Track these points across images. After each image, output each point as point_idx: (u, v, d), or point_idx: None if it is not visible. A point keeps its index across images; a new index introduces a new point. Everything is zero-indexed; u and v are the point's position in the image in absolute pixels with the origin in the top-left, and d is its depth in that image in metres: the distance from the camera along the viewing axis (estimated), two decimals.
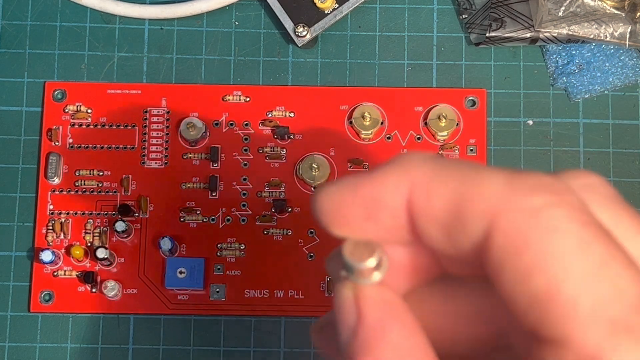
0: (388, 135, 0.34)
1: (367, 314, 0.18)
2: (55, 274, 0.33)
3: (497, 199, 0.16)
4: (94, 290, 0.33)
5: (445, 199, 0.17)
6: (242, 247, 0.34)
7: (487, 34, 0.34)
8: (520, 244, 0.16)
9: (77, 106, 0.34)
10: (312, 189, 0.34)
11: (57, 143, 0.34)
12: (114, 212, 0.34)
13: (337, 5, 0.35)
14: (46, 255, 0.33)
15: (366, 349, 0.18)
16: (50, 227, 0.34)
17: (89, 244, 0.34)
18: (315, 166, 0.33)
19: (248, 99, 0.35)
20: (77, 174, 0.34)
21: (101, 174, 0.34)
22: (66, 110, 0.34)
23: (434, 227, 0.17)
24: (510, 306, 0.16)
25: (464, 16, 0.35)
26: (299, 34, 0.34)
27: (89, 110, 0.34)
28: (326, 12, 0.35)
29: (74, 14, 0.36)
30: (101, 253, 0.33)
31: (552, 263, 0.15)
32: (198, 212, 0.34)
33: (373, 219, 0.18)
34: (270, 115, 0.34)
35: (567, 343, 0.15)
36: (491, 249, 0.16)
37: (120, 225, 0.33)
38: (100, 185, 0.34)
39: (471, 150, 0.34)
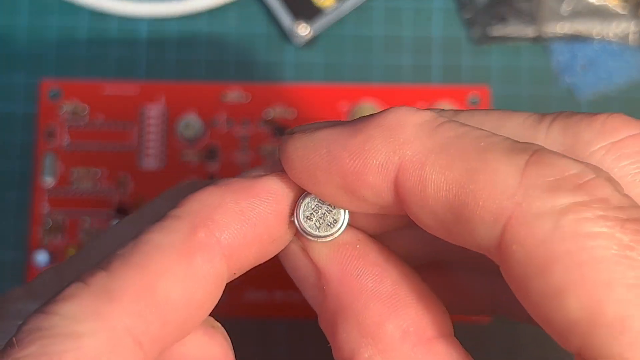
0: None
1: (327, 271, 0.16)
2: None
3: (511, 198, 0.13)
4: None
5: (444, 190, 0.14)
6: None
7: (489, 32, 0.34)
8: (545, 260, 0.13)
9: (73, 105, 0.34)
10: None
11: (53, 142, 0.34)
12: (111, 212, 0.33)
13: (337, 4, 0.34)
14: (42, 256, 0.32)
15: (342, 308, 0.16)
16: (46, 228, 0.33)
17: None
18: None
19: (247, 98, 0.34)
20: (73, 174, 0.34)
21: (98, 173, 0.34)
22: (62, 109, 0.34)
23: (428, 218, 0.14)
24: (540, 323, 0.13)
25: (466, 14, 0.35)
26: (300, 33, 0.34)
27: (86, 109, 0.34)
28: (327, 10, 0.34)
29: (71, 11, 0.35)
30: None
31: (589, 278, 0.12)
32: None
33: (351, 194, 0.15)
34: (269, 113, 0.34)
35: None
36: (509, 262, 0.13)
37: None
38: (97, 185, 0.34)
39: None
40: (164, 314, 0.15)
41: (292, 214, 0.17)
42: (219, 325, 0.18)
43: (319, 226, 0.16)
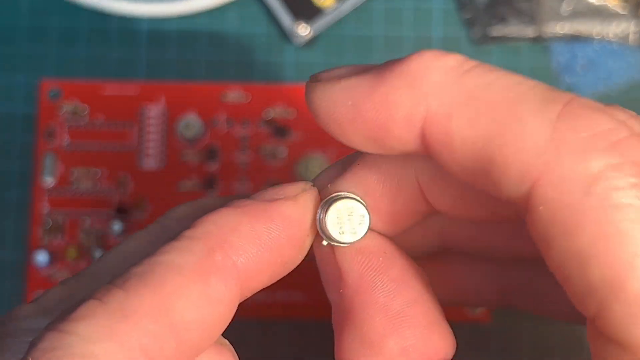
0: None
1: (346, 276, 0.16)
2: (50, 274, 0.33)
3: (541, 156, 0.13)
4: None
5: (471, 144, 0.13)
6: None
7: (489, 32, 0.34)
8: (573, 223, 0.12)
9: (73, 105, 0.34)
10: None
11: (53, 142, 0.34)
12: (111, 212, 0.33)
13: (337, 4, 0.34)
14: (42, 256, 0.32)
15: (351, 315, 0.16)
16: (46, 228, 0.33)
17: (85, 245, 0.33)
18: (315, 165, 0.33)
19: (247, 98, 0.34)
20: (73, 174, 0.34)
21: (98, 173, 0.34)
22: (62, 109, 0.34)
23: (455, 168, 0.14)
24: (560, 281, 0.13)
25: (466, 14, 0.35)
26: (300, 33, 0.34)
27: (86, 109, 0.34)
28: (327, 10, 0.34)
29: (71, 11, 0.35)
30: (98, 254, 0.32)
31: (614, 251, 0.12)
32: None
33: (379, 144, 0.15)
34: (269, 113, 0.34)
35: (632, 347, 0.12)
36: (534, 220, 0.13)
37: (117, 226, 0.33)
38: (97, 185, 0.34)
39: None
40: (178, 335, 0.15)
41: (318, 232, 0.17)
42: (227, 342, 0.18)
43: (354, 231, 0.17)
